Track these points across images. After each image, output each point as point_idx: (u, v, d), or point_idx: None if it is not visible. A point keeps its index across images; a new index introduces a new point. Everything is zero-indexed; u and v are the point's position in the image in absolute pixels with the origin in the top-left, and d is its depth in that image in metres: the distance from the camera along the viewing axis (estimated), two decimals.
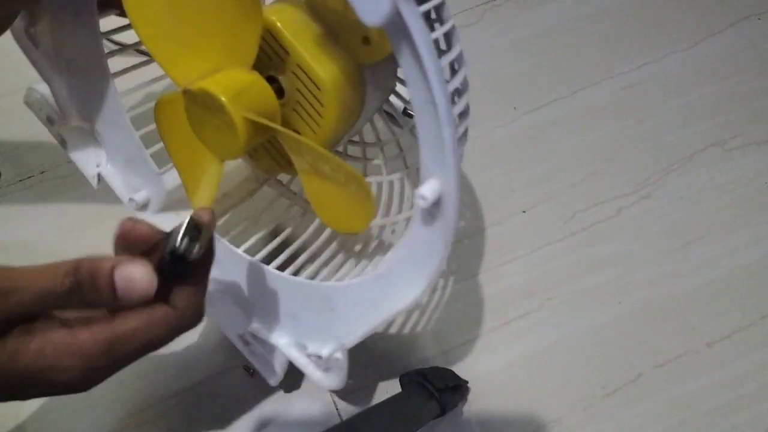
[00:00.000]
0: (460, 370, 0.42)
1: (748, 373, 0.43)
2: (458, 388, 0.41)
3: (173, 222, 0.27)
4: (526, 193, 0.49)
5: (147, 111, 0.34)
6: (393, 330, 0.45)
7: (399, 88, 0.34)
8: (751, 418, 0.41)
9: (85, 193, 0.47)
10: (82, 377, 0.22)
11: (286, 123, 0.29)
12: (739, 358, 0.43)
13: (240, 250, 0.35)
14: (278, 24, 0.26)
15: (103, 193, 0.40)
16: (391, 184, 0.38)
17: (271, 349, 0.36)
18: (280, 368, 0.37)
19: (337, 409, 0.42)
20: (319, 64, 0.27)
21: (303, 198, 0.40)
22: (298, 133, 0.29)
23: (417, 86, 0.21)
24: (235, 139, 0.25)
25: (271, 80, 0.28)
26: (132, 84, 0.37)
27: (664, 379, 0.43)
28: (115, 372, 0.23)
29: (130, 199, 0.38)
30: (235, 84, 0.25)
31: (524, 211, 0.48)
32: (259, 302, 0.35)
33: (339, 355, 0.31)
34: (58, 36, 0.33)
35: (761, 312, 0.44)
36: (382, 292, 0.29)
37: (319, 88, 0.27)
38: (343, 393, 0.43)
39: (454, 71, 0.23)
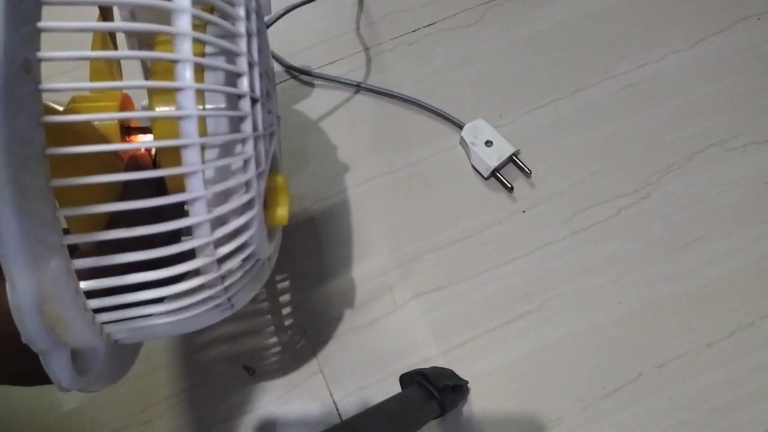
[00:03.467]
0: (460, 370, 0.43)
1: (748, 373, 0.43)
2: (458, 388, 0.41)
3: None
4: (526, 193, 0.49)
5: None
6: (393, 330, 0.45)
7: None
8: (751, 418, 0.42)
9: None
10: None
11: None
12: (739, 358, 0.43)
13: None
14: None
15: None
16: None
17: None
18: None
19: (337, 409, 0.42)
20: None
21: None
22: None
23: None
24: None
25: None
26: None
27: (664, 379, 0.43)
28: None
29: None
30: None
31: (524, 211, 0.48)
32: None
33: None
34: None
35: (761, 312, 0.44)
36: None
37: None
38: (343, 393, 0.43)
39: None
